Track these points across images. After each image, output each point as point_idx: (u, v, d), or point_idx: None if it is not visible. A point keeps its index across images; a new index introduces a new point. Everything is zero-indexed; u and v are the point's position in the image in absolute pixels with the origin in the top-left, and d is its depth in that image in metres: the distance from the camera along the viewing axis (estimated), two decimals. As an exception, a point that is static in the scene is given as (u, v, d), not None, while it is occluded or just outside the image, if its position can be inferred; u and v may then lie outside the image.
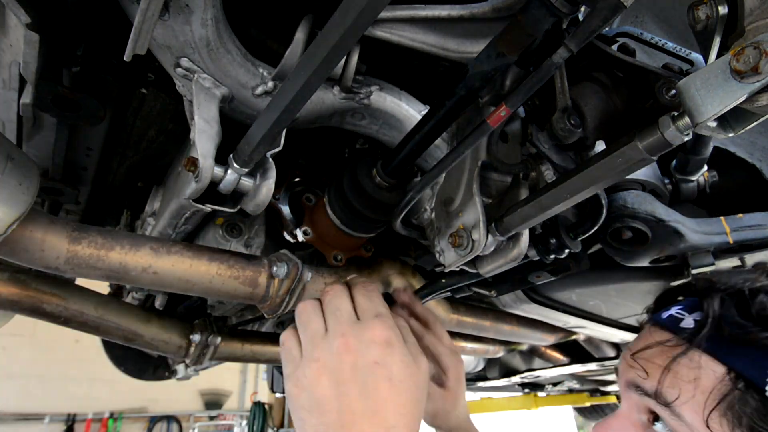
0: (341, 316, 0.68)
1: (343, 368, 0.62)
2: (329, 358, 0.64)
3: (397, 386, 0.62)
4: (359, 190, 0.92)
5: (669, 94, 0.67)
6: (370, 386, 0.61)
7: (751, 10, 0.50)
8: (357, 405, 0.60)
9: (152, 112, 1.10)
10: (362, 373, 0.62)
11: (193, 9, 0.67)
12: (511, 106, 0.65)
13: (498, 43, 0.67)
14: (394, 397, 0.61)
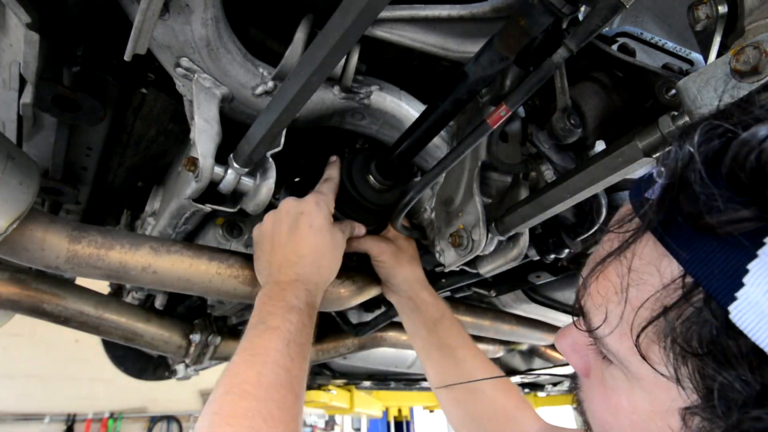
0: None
1: (280, 213, 0.87)
2: (277, 210, 0.89)
3: (315, 231, 0.85)
4: (355, 192, 0.93)
5: (669, 94, 0.67)
6: (294, 227, 0.85)
7: (751, 10, 0.50)
8: (283, 237, 0.85)
9: (152, 112, 1.10)
10: (292, 217, 0.86)
11: (193, 9, 0.67)
12: (511, 105, 0.65)
13: (499, 46, 0.66)
14: (310, 237, 0.84)
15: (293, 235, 0.84)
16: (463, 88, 0.71)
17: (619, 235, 0.44)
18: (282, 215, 0.87)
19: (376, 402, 4.22)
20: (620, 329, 0.41)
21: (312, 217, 0.86)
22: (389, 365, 2.55)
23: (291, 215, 0.86)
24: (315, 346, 1.81)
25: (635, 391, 0.42)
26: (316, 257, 0.84)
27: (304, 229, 0.84)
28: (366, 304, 1.61)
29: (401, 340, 1.89)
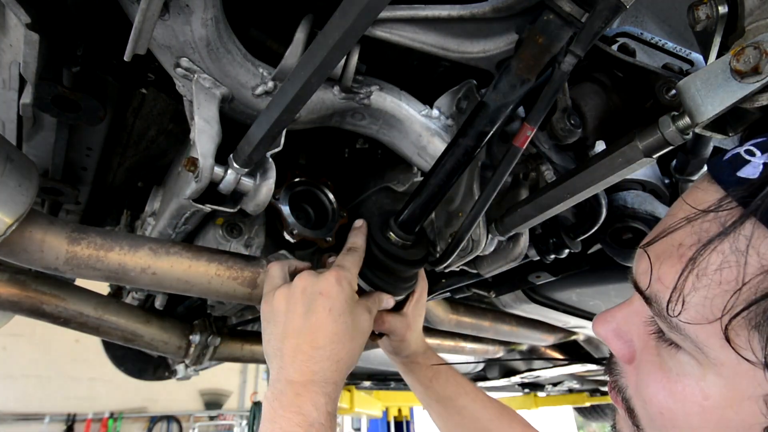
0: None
1: (295, 291, 0.76)
2: (291, 285, 0.78)
3: (335, 317, 0.73)
4: (383, 254, 0.85)
5: (669, 94, 0.67)
6: (311, 309, 0.73)
7: (751, 10, 0.50)
8: (297, 322, 0.73)
9: (152, 112, 1.10)
10: (309, 298, 0.74)
11: (193, 9, 0.67)
12: (533, 124, 0.65)
13: (518, 68, 0.64)
14: (328, 325, 0.73)
15: (309, 321, 0.73)
16: (485, 119, 0.68)
17: (707, 217, 0.42)
18: (297, 294, 0.76)
19: (376, 402, 4.22)
20: (703, 313, 0.39)
21: (332, 299, 0.74)
22: (389, 365, 2.55)
23: (307, 295, 0.75)
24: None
25: (708, 377, 0.41)
26: (335, 349, 0.73)
27: (322, 315, 0.73)
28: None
29: (401, 340, 1.89)
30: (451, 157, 0.72)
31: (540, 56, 0.62)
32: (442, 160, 0.73)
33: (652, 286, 0.45)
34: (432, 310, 1.56)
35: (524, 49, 0.63)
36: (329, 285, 0.75)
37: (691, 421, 0.42)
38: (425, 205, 0.79)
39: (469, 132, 0.69)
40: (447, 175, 0.73)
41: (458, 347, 2.11)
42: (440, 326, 1.63)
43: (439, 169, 0.74)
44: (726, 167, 0.43)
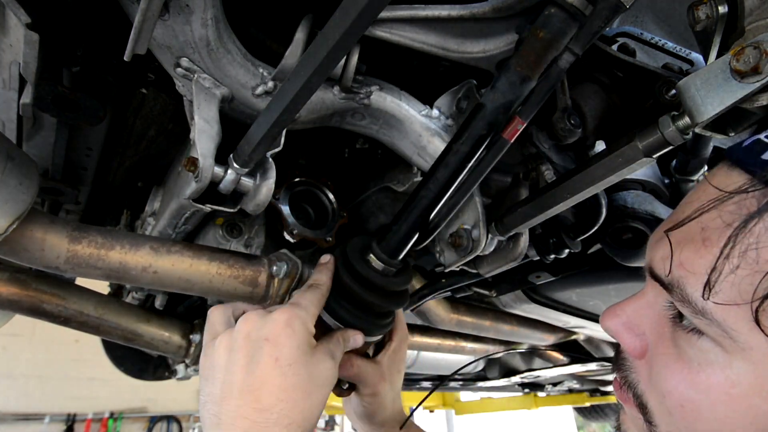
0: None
1: (237, 338, 0.61)
2: (234, 331, 0.63)
3: (284, 369, 0.58)
4: (357, 285, 0.72)
5: (669, 94, 0.67)
6: (255, 361, 0.59)
7: (751, 10, 0.50)
8: (238, 377, 0.58)
9: (152, 112, 1.10)
10: (252, 346, 0.60)
11: (193, 9, 0.67)
12: (525, 118, 0.64)
13: (521, 66, 0.61)
14: (275, 379, 0.57)
15: (253, 376, 0.58)
16: (482, 122, 0.63)
17: (731, 200, 0.41)
18: (240, 341, 0.61)
19: (376, 402, 4.21)
20: (732, 296, 0.39)
21: (280, 345, 0.60)
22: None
23: (251, 342, 0.60)
24: (315, 346, 1.81)
25: (735, 364, 0.40)
26: (284, 410, 0.57)
27: (267, 366, 0.58)
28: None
29: (401, 340, 1.89)
30: (444, 168, 0.65)
31: (542, 52, 0.60)
32: (435, 171, 0.66)
33: (673, 272, 0.44)
34: (433, 310, 1.56)
35: (525, 45, 0.61)
36: (277, 328, 0.61)
37: (716, 412, 0.41)
38: (415, 224, 0.69)
39: (465, 137, 0.64)
40: (441, 187, 0.66)
41: (458, 347, 2.11)
42: (441, 326, 1.63)
43: (432, 181, 0.66)
44: (748, 152, 0.44)
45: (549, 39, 0.60)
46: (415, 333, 1.93)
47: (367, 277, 0.71)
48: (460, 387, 3.55)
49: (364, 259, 0.73)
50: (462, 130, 0.65)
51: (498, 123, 0.63)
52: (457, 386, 3.47)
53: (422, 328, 1.94)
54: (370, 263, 0.73)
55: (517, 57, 0.62)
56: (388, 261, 0.72)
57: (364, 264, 0.72)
